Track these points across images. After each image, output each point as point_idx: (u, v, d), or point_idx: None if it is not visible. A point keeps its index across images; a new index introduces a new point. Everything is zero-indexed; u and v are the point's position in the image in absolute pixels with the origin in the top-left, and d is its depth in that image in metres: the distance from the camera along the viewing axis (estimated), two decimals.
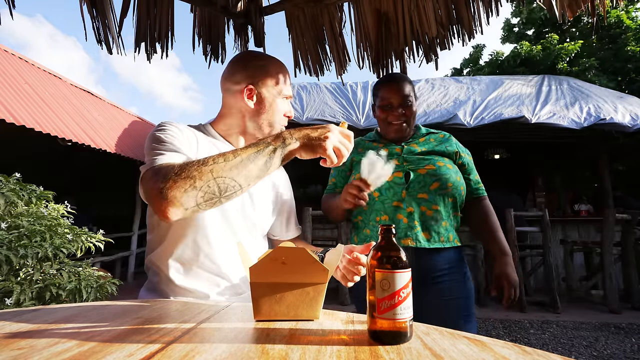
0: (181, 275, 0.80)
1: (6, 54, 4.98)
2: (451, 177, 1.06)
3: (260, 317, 0.57)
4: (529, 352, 0.44)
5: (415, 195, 1.05)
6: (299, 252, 0.55)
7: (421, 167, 1.08)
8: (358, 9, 1.79)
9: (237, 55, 0.92)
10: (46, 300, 1.52)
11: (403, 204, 1.05)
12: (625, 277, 3.77)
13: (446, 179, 1.05)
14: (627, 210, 3.84)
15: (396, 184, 1.06)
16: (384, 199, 1.07)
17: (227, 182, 0.63)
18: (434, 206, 1.05)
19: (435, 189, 1.05)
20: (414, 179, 1.06)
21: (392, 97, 1.13)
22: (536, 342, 2.81)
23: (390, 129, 1.16)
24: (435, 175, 1.05)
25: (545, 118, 4.59)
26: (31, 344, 0.44)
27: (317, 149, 0.67)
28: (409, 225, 1.03)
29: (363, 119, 4.95)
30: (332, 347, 0.45)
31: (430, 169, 1.06)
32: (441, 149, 1.14)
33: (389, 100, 1.14)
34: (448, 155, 1.14)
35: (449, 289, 1.03)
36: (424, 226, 1.04)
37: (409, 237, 1.02)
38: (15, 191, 1.64)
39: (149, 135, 0.77)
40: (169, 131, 0.76)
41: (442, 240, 1.04)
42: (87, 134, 4.75)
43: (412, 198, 1.05)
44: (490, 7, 1.58)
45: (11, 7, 1.33)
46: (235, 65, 0.88)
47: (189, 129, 0.83)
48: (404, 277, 0.48)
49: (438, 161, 1.09)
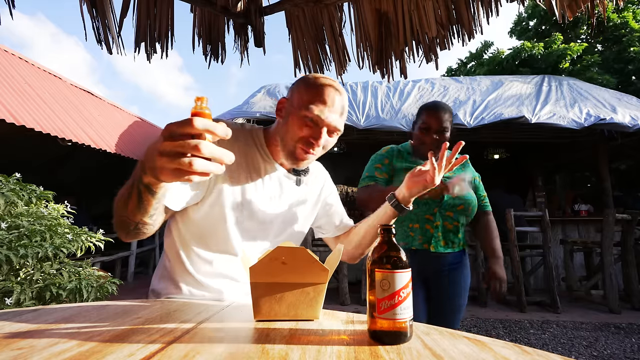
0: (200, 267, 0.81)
1: (6, 54, 4.98)
2: (472, 202, 1.31)
3: (260, 317, 0.57)
4: (529, 352, 0.44)
5: (444, 213, 1.29)
6: (299, 252, 0.55)
7: None
8: (358, 9, 1.79)
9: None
10: (46, 300, 1.52)
11: (433, 218, 1.29)
12: (625, 277, 3.77)
13: (469, 204, 1.30)
14: (627, 210, 3.84)
15: (432, 201, 1.28)
16: (417, 211, 1.28)
17: (124, 219, 0.63)
18: (455, 222, 1.31)
19: (460, 210, 1.30)
20: (447, 200, 1.28)
21: (432, 122, 1.30)
22: (536, 342, 2.81)
23: (424, 148, 1.33)
24: (462, 200, 1.28)
25: (545, 118, 4.59)
26: (31, 344, 0.44)
27: (156, 173, 0.50)
28: (434, 235, 1.29)
29: (363, 119, 4.95)
30: (332, 347, 0.45)
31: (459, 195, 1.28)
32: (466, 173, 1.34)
33: (428, 124, 1.30)
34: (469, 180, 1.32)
35: (452, 279, 1.32)
36: (444, 236, 1.30)
37: (431, 245, 1.29)
38: (15, 191, 1.64)
39: None
40: None
41: (454, 246, 1.32)
42: (87, 134, 4.75)
43: (441, 214, 1.29)
44: (490, 7, 1.58)
45: (11, 6, 1.33)
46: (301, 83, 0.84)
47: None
48: (404, 277, 0.48)
49: None
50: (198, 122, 0.46)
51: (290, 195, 0.89)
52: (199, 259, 0.81)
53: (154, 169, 0.50)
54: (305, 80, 0.81)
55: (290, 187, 0.89)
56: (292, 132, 0.78)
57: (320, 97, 0.77)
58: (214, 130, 0.47)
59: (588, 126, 4.44)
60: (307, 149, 0.79)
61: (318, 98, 0.77)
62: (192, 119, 0.46)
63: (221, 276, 0.83)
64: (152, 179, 0.53)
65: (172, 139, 0.46)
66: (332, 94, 0.78)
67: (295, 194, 0.90)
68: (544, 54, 10.16)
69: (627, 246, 3.71)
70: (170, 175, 0.48)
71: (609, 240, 3.65)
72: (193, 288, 0.81)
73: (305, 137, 0.78)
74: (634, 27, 9.95)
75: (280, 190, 0.87)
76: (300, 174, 0.91)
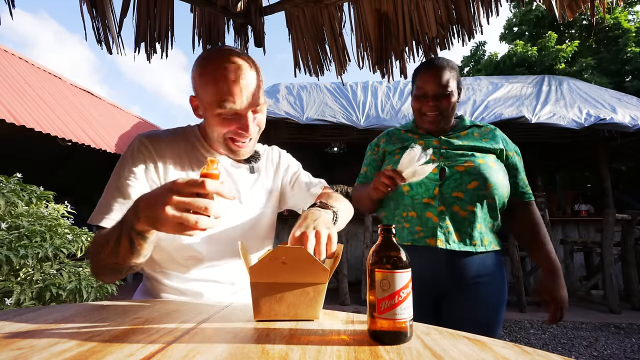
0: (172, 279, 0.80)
1: (6, 54, 4.98)
2: (492, 177, 0.95)
3: (260, 317, 0.57)
4: (529, 352, 0.44)
5: (449, 194, 0.96)
6: (299, 251, 0.55)
7: (459, 163, 0.98)
8: (358, 9, 1.79)
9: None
10: (46, 300, 1.52)
11: (434, 202, 0.96)
12: (625, 277, 3.76)
13: (486, 179, 0.94)
14: (627, 210, 3.84)
15: (429, 179, 0.97)
16: (413, 194, 0.98)
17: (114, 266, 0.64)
18: (470, 207, 0.95)
19: (473, 188, 0.94)
20: (450, 176, 0.96)
21: (427, 85, 1.02)
22: (536, 342, 2.81)
23: (423, 119, 1.06)
24: (474, 173, 0.95)
25: (546, 118, 4.59)
26: (31, 344, 0.44)
27: (157, 224, 0.52)
28: (438, 224, 0.95)
29: (363, 119, 4.95)
30: (332, 347, 0.45)
31: (469, 167, 0.96)
32: (484, 145, 1.02)
33: (424, 89, 1.03)
34: (492, 152, 1.02)
35: (482, 297, 0.95)
36: (457, 227, 0.95)
37: (437, 238, 0.95)
38: (15, 191, 1.64)
39: (121, 158, 0.76)
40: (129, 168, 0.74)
41: (474, 243, 0.95)
42: (87, 134, 4.75)
43: (445, 196, 0.96)
44: (490, 7, 1.58)
45: (11, 6, 1.33)
46: (193, 66, 0.77)
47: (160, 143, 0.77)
48: (404, 277, 0.48)
49: (479, 158, 0.98)
50: (210, 185, 0.50)
51: (245, 183, 0.86)
52: (172, 273, 0.80)
53: (154, 220, 0.52)
54: (200, 71, 0.73)
55: (243, 175, 0.86)
56: (217, 131, 0.75)
57: (224, 86, 0.69)
58: (223, 194, 0.51)
59: (588, 126, 4.44)
60: (240, 139, 0.76)
61: (223, 89, 0.69)
62: (205, 181, 0.50)
63: (198, 280, 0.80)
64: (147, 227, 0.55)
65: (182, 195, 0.50)
66: (233, 74, 0.70)
67: (250, 181, 0.87)
68: (538, 56, 10.17)
69: (627, 246, 3.71)
70: (172, 229, 0.50)
71: (609, 240, 3.64)
72: (172, 295, 0.80)
73: (232, 131, 0.74)
74: (626, 28, 9.95)
75: (233, 180, 0.84)
76: (250, 161, 0.88)
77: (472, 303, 0.95)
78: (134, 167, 0.74)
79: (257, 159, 0.89)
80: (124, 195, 0.71)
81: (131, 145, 0.77)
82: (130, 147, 0.77)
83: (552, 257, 1.00)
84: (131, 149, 0.76)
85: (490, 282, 0.96)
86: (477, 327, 0.92)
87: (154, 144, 0.77)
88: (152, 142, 0.77)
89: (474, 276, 0.95)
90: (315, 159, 7.16)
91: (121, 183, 0.72)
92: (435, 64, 1.04)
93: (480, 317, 0.95)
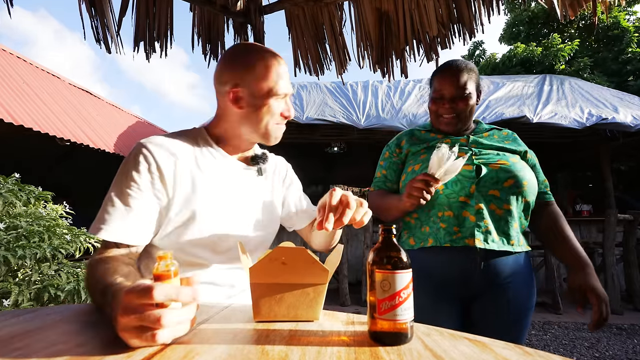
0: None
1: (4, 53, 4.98)
2: (526, 176, 0.95)
3: (260, 318, 0.56)
4: (530, 353, 0.44)
5: (485, 192, 0.94)
6: (299, 252, 0.54)
7: (493, 162, 0.97)
8: (358, 8, 1.79)
9: (227, 50, 0.85)
10: (45, 301, 1.52)
11: (471, 200, 0.94)
12: (627, 277, 3.75)
13: (521, 177, 0.94)
14: (629, 211, 3.83)
15: (465, 177, 0.95)
16: (449, 193, 0.95)
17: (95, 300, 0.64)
18: (506, 205, 0.94)
19: (509, 186, 0.93)
20: (487, 174, 0.95)
21: (444, 88, 1.02)
22: (537, 343, 2.80)
23: (439, 121, 1.06)
24: (509, 171, 0.94)
25: (547, 118, 4.58)
26: (29, 345, 0.44)
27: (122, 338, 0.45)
28: (476, 223, 0.93)
29: (363, 119, 4.94)
30: (332, 348, 0.45)
31: (504, 165, 0.95)
32: (508, 146, 1.03)
33: (440, 91, 1.03)
34: (517, 153, 1.03)
35: (513, 298, 0.94)
36: (496, 226, 0.94)
37: (476, 237, 0.92)
38: (13, 192, 1.64)
39: (122, 166, 0.73)
40: (130, 177, 0.70)
41: (512, 243, 0.94)
42: (85, 133, 4.75)
43: (481, 194, 0.94)
44: (491, 5, 1.58)
45: (9, 5, 1.32)
46: (222, 62, 0.81)
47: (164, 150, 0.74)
48: (405, 277, 0.48)
49: (511, 157, 0.99)
50: (158, 294, 0.42)
51: (252, 186, 0.87)
52: None
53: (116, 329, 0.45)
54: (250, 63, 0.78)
55: (250, 178, 0.87)
56: (270, 115, 0.80)
57: (276, 74, 0.79)
58: (177, 298, 0.43)
59: (590, 126, 4.44)
60: (283, 123, 0.84)
61: (275, 76, 0.78)
62: (152, 290, 0.42)
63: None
64: None
65: (132, 312, 0.42)
66: (279, 64, 0.80)
67: (257, 184, 0.88)
68: (540, 55, 10.15)
69: (629, 246, 3.70)
70: (137, 345, 0.43)
71: (611, 240, 3.64)
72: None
73: (282, 114, 0.82)
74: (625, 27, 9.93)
75: (241, 183, 0.84)
76: (258, 162, 0.89)
77: (505, 303, 0.93)
78: (136, 176, 0.70)
79: (264, 161, 0.90)
80: (125, 205, 0.69)
81: (132, 153, 0.74)
82: (131, 155, 0.73)
83: (582, 253, 0.97)
84: (132, 156, 0.73)
85: (523, 283, 0.95)
86: (509, 327, 0.93)
87: (156, 149, 0.74)
88: (154, 148, 0.74)
89: (508, 276, 0.94)
90: (315, 158, 7.15)
91: (122, 193, 0.69)
92: (452, 65, 1.03)
93: (512, 318, 0.94)
